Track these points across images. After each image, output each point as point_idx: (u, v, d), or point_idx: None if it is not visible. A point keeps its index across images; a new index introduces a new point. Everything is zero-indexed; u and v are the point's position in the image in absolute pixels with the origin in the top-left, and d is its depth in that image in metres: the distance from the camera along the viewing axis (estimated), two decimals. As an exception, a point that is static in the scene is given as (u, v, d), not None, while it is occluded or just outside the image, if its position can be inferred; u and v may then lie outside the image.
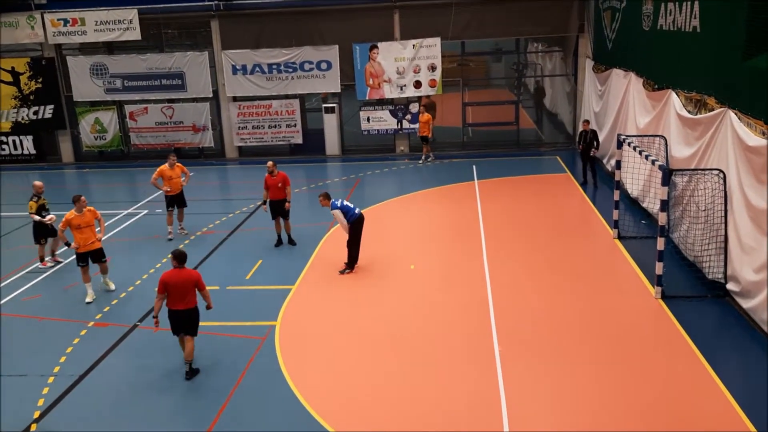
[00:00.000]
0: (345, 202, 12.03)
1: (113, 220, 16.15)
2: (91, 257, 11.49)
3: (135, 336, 10.13)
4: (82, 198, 11.27)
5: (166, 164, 14.24)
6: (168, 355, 9.43)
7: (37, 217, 12.72)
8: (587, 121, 17.64)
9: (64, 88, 23.11)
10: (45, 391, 8.64)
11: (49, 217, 12.86)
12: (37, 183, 13.01)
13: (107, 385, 8.78)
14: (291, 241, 13.81)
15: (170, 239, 14.35)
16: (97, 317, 10.78)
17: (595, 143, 16.72)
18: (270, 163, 13.62)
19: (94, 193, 20.52)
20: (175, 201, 14.42)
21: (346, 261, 12.15)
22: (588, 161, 17.00)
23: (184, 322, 8.78)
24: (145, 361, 9.34)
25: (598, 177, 17.05)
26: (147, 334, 10.11)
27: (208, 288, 8.97)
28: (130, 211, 16.89)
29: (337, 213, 11.85)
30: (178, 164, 14.52)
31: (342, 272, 12.07)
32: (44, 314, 11.02)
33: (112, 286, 11.84)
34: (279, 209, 13.53)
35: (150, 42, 22.78)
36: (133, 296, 11.60)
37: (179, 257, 8.64)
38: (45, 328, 10.57)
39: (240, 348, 9.55)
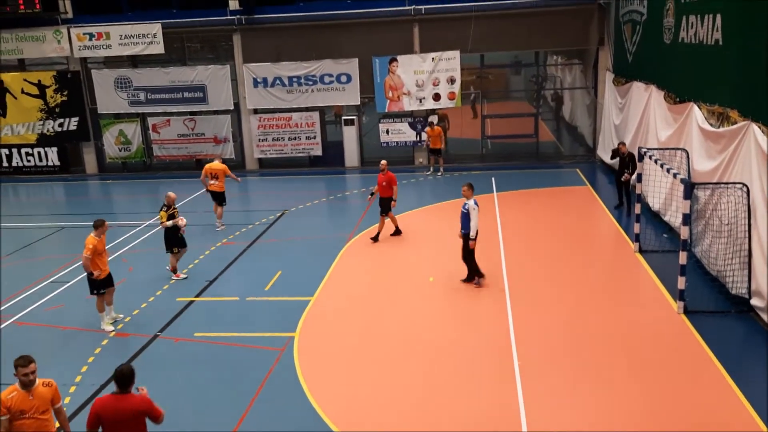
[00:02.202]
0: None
1: (135, 230, 16.34)
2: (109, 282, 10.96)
3: (155, 346, 10.22)
4: (106, 223, 10.76)
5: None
6: (187, 366, 9.49)
7: (169, 222, 12.53)
8: (624, 144, 15.83)
9: (88, 101, 23.51)
10: (67, 400, 8.72)
11: (182, 222, 12.69)
12: (171, 194, 12.85)
13: (128, 395, 8.84)
14: (397, 232, 14.80)
15: (218, 229, 15.89)
16: (119, 327, 10.89)
17: (630, 167, 14.99)
18: (383, 163, 14.55)
19: (116, 203, 20.83)
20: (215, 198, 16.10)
21: (472, 273, 11.78)
22: (624, 186, 15.51)
23: None
24: (165, 372, 9.40)
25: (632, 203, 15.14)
26: (168, 345, 10.20)
27: (227, 298, 8.97)
28: (151, 221, 17.07)
29: (477, 210, 11.33)
30: (220, 164, 16.13)
31: (478, 284, 11.70)
32: (66, 324, 11.15)
33: (120, 315, 11.32)
34: (384, 205, 14.40)
35: (173, 55, 23.13)
36: (154, 306, 11.70)
37: (121, 380, 5.95)
38: (67, 338, 10.70)
39: (259, 359, 9.59)
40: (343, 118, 22.54)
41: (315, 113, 22.54)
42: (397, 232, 14.86)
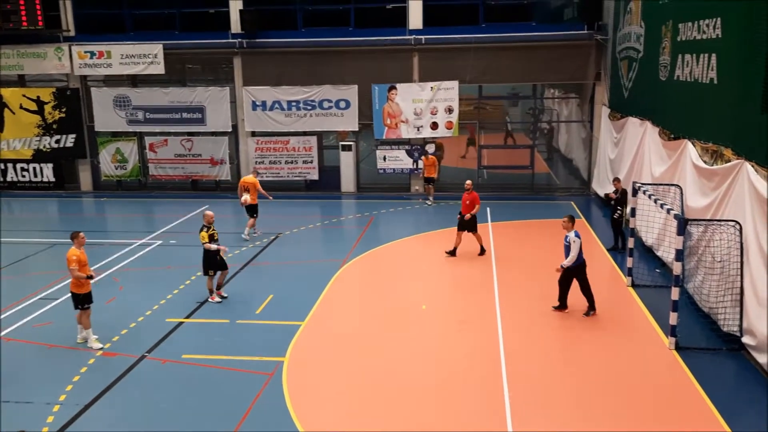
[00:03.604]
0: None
1: (127, 249, 16.26)
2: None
3: (142, 367, 10.09)
4: (81, 234, 10.66)
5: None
6: (173, 389, 9.38)
7: (213, 246, 12.32)
8: (618, 180, 15.70)
9: (86, 118, 23.57)
10: (50, 419, 8.59)
11: (222, 248, 12.50)
12: (209, 213, 12.67)
13: (112, 417, 8.71)
14: (482, 251, 15.22)
15: (245, 239, 16.74)
16: (106, 346, 10.76)
17: (622, 203, 14.76)
18: (468, 183, 15.30)
19: (110, 222, 20.76)
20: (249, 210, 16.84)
21: (591, 303, 11.65)
22: (617, 224, 15.18)
23: None
24: (151, 393, 9.28)
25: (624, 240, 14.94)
26: (155, 366, 10.08)
27: (217, 320, 8.92)
28: (144, 241, 17.00)
29: (578, 243, 11.35)
30: (252, 178, 16.98)
31: (587, 314, 11.61)
32: (54, 341, 11.02)
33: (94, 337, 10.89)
34: (466, 223, 14.89)
35: (173, 76, 23.27)
36: (143, 327, 11.59)
37: None
38: (54, 356, 10.56)
39: (247, 383, 9.47)
40: (341, 143, 22.65)
41: (313, 138, 22.63)
42: (482, 251, 15.21)
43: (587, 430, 8.15)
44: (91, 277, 10.61)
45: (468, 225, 14.98)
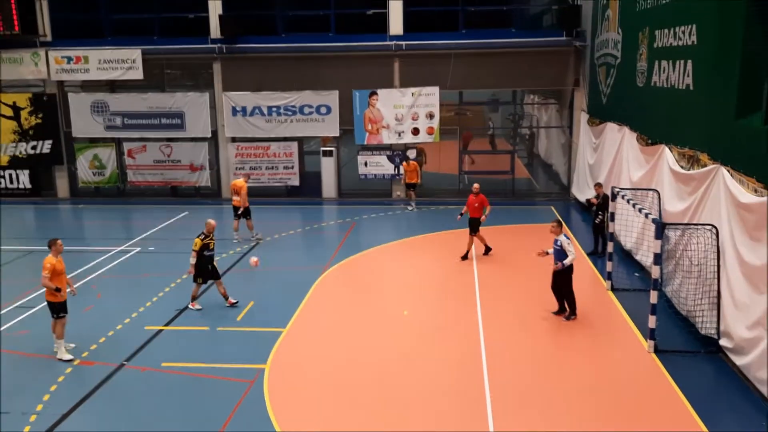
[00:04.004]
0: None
1: (105, 256, 16.07)
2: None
3: (121, 376, 9.96)
4: (59, 242, 10.46)
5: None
6: (153, 397, 9.27)
7: (192, 260, 12.12)
8: (600, 185, 15.56)
9: (63, 124, 23.28)
10: (26, 429, 8.45)
11: (190, 270, 12.28)
12: (211, 222, 12.56)
13: (89, 426, 8.59)
14: (488, 250, 15.51)
15: (235, 241, 17.02)
16: (84, 355, 10.61)
17: (603, 209, 14.65)
18: (475, 186, 15.54)
19: (87, 229, 20.50)
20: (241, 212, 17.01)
21: (563, 307, 11.77)
22: (599, 229, 15.16)
23: None
24: (129, 402, 9.16)
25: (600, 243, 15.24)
26: (134, 374, 9.95)
27: (197, 328, 8.86)
28: (123, 248, 16.81)
29: (569, 243, 11.43)
30: (240, 181, 17.17)
31: (568, 318, 11.68)
32: (31, 350, 10.84)
33: (71, 345, 10.79)
34: (474, 225, 15.04)
35: (152, 81, 23.06)
36: (122, 335, 11.45)
37: None
38: (31, 365, 10.38)
39: (228, 391, 9.39)
40: (322, 149, 22.61)
41: (293, 143, 22.56)
42: (488, 250, 15.47)
43: (567, 429, 8.20)
44: (59, 290, 10.29)
45: (473, 226, 15.16)
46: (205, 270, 12.40)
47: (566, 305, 11.74)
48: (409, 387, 9.42)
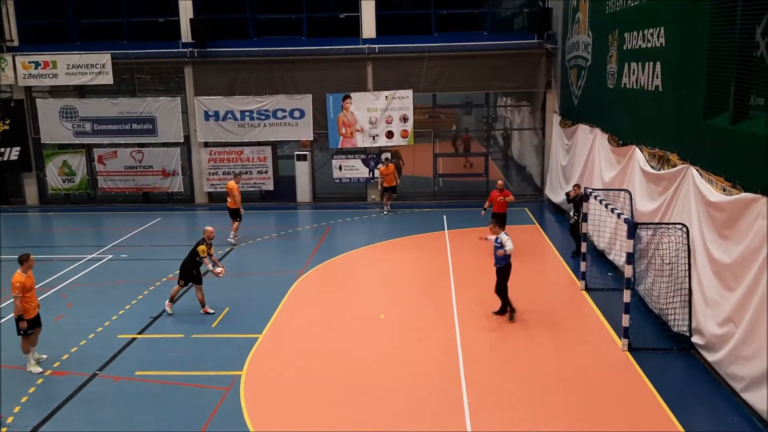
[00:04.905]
0: None
1: (76, 264, 15.79)
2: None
3: (94, 385, 9.79)
4: (31, 257, 10.17)
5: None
6: (127, 407, 9.12)
7: (209, 266, 12.48)
8: (578, 186, 15.42)
9: (32, 130, 22.84)
10: (-5, 443, 8.28)
11: (219, 271, 12.57)
12: (209, 228, 12.72)
13: (62, 438, 8.43)
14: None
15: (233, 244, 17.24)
16: (55, 365, 10.40)
17: (579, 209, 14.48)
18: (499, 182, 16.30)
19: (57, 236, 20.14)
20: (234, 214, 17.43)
21: (505, 306, 11.89)
22: (576, 230, 14.82)
23: None
24: (103, 412, 9.01)
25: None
26: (107, 384, 9.79)
27: (171, 335, 8.76)
28: (94, 255, 16.54)
29: (508, 239, 11.67)
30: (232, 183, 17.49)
31: (512, 319, 11.76)
32: (2, 361, 10.60)
33: (44, 356, 10.58)
34: (502, 221, 14.36)
35: (122, 86, 22.77)
36: (94, 344, 11.25)
37: None
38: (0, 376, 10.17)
39: (203, 399, 9.28)
40: (296, 153, 22.51)
41: (267, 148, 22.43)
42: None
43: (543, 430, 8.26)
44: (21, 318, 9.92)
45: (502, 221, 14.67)
46: (190, 273, 12.44)
47: (509, 306, 11.86)
48: (387, 390, 9.41)
